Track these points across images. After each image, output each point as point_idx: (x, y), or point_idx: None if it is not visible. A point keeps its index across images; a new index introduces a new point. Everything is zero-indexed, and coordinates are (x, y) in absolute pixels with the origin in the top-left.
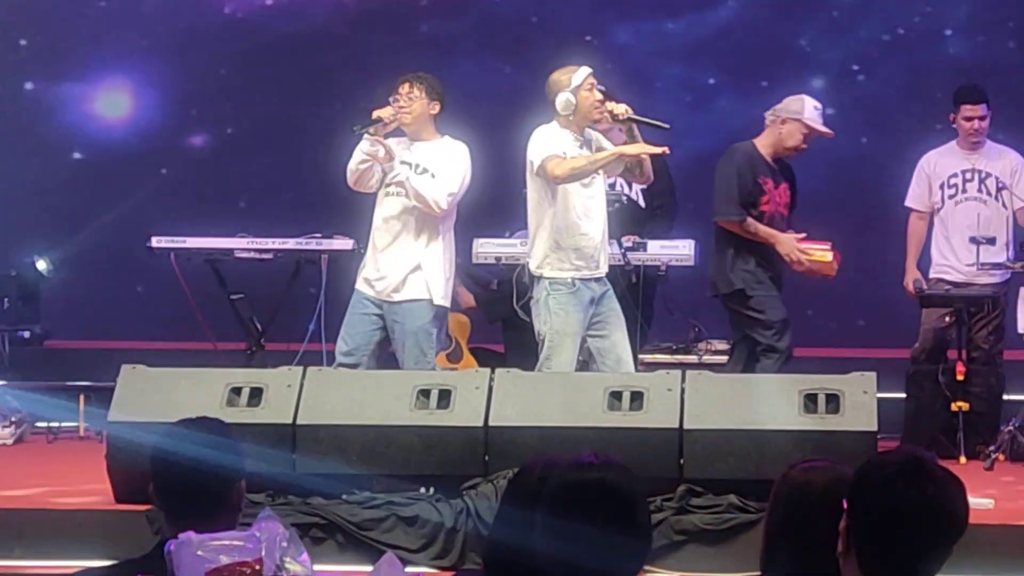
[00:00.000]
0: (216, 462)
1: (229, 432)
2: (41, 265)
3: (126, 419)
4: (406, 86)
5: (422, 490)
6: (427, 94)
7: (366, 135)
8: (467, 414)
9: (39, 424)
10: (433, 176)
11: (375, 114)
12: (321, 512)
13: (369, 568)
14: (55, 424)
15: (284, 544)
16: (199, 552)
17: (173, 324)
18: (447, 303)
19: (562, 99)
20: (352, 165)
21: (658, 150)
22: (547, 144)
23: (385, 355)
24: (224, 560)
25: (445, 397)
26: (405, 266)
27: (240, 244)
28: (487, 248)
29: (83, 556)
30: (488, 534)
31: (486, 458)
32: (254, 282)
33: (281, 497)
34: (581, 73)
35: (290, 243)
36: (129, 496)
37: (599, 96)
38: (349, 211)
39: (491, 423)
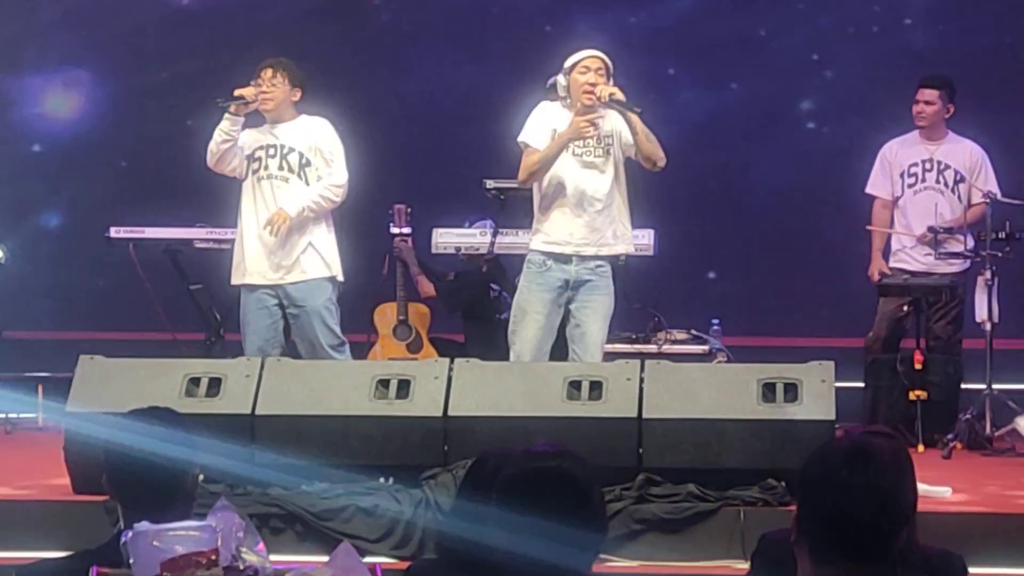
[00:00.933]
0: (169, 452)
1: (181, 422)
2: None
3: (84, 410)
4: (269, 72)
5: (381, 480)
6: (289, 81)
7: (227, 114)
8: (426, 404)
9: None
10: (303, 157)
11: (237, 92)
12: (280, 502)
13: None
14: (13, 415)
15: (240, 534)
16: (155, 542)
17: (131, 314)
18: (342, 278)
19: (558, 80)
20: (213, 146)
21: (583, 135)
22: (529, 126)
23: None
24: (180, 550)
25: (404, 387)
26: (297, 248)
27: (199, 234)
28: (447, 238)
29: (41, 547)
30: (441, 525)
31: (445, 448)
32: (213, 272)
33: (240, 487)
34: (578, 55)
35: None
36: (87, 487)
37: (591, 79)
38: None
39: (450, 413)
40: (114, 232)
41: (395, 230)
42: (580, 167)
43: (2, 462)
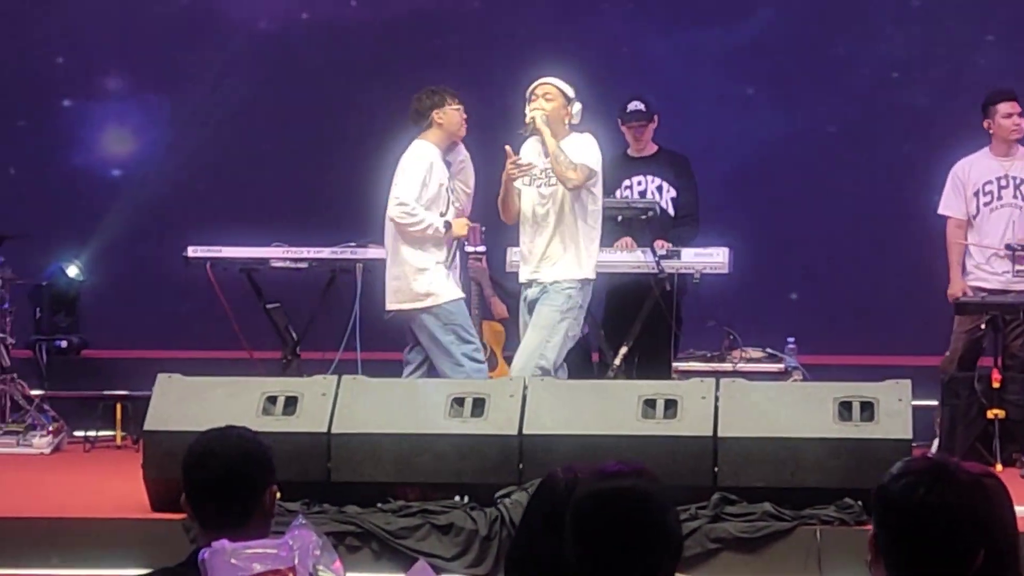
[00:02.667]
0: (246, 470)
1: (258, 440)
2: (72, 271)
3: (162, 428)
4: None
5: (456, 498)
6: None
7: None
8: (501, 422)
9: (76, 433)
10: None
11: None
12: (356, 520)
13: None
14: (92, 433)
15: (317, 552)
16: (233, 560)
17: (209, 333)
18: None
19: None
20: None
21: (509, 177)
22: None
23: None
24: (257, 568)
25: (479, 405)
26: None
27: (275, 253)
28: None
29: (120, 565)
30: (511, 544)
31: (520, 466)
32: (289, 291)
33: (316, 505)
34: (533, 84)
35: (325, 252)
36: (165, 505)
37: (533, 106)
38: (383, 221)
39: (525, 431)
40: (191, 252)
41: (469, 248)
42: (536, 195)
43: (81, 480)
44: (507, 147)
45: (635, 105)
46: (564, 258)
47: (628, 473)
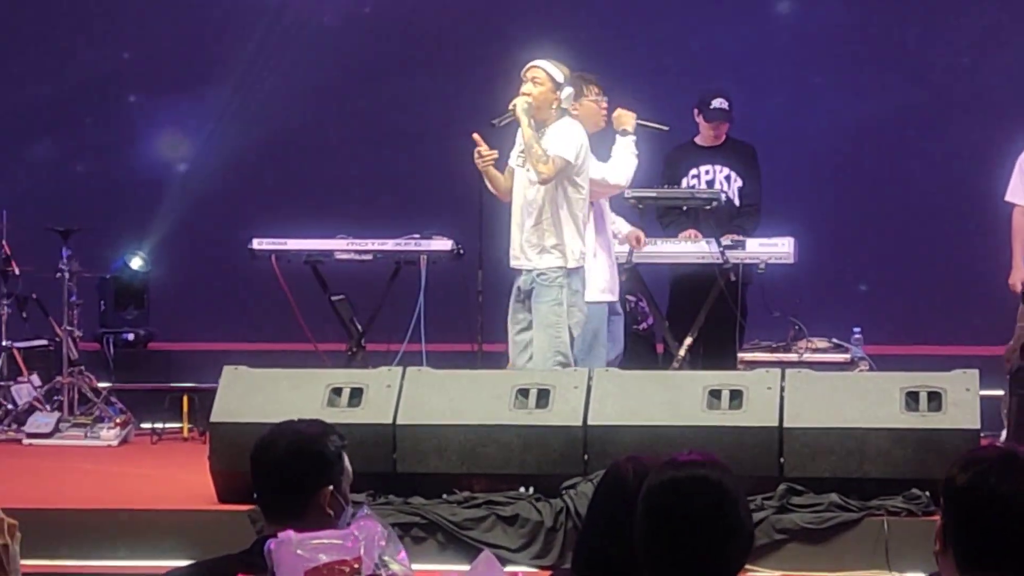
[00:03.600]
0: (295, 466)
1: (319, 439)
2: (136, 263)
3: (228, 420)
4: None
5: (521, 489)
6: None
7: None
8: (566, 413)
9: (143, 425)
10: None
11: None
12: (421, 512)
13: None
14: (159, 425)
15: (382, 543)
16: (299, 551)
17: (274, 325)
18: None
19: None
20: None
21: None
22: None
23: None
24: (323, 559)
25: (544, 396)
26: None
27: (340, 245)
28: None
29: (187, 556)
30: (579, 535)
31: (585, 457)
32: (354, 283)
33: (382, 496)
34: None
35: (389, 244)
36: (232, 496)
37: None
38: (448, 212)
39: (590, 422)
40: (256, 244)
41: None
42: (526, 180)
43: (148, 472)
44: (475, 135)
45: (720, 103)
46: (550, 246)
47: (701, 462)
